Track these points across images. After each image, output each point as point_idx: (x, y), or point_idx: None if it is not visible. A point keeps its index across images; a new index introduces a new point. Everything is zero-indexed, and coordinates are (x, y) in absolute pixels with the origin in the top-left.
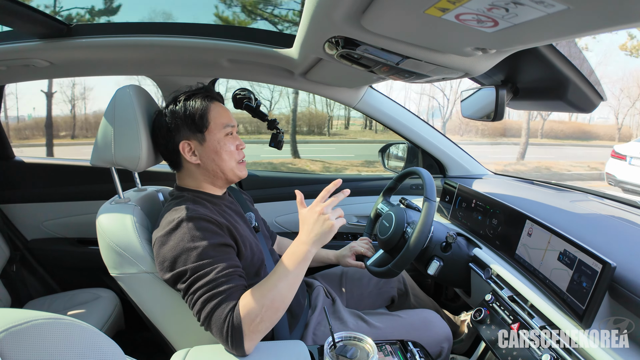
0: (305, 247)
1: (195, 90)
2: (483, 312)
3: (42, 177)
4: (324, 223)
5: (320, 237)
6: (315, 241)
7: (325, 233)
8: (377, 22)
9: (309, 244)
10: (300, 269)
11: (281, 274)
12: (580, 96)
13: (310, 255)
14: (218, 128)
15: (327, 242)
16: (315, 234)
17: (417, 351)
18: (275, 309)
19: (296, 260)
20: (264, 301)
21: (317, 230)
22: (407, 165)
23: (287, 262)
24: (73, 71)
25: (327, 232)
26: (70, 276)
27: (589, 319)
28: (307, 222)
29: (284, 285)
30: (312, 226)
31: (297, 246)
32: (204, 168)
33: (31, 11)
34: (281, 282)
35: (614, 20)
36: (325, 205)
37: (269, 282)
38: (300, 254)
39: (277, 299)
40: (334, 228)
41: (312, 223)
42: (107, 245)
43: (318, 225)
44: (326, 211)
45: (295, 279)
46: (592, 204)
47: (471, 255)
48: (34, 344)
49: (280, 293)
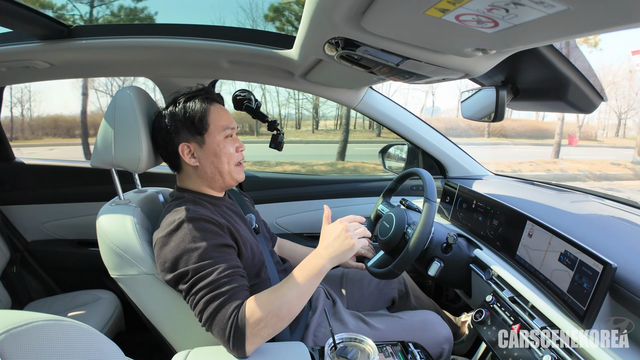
0: (322, 262)
1: (195, 92)
2: (484, 313)
3: (42, 178)
4: (344, 240)
5: (339, 253)
6: (333, 257)
7: (344, 250)
8: (377, 23)
9: (326, 258)
10: (313, 282)
11: (292, 284)
12: (580, 96)
13: (325, 270)
14: (218, 130)
15: (345, 260)
16: (334, 249)
17: (417, 352)
18: (280, 318)
19: (310, 273)
20: (271, 308)
21: (336, 246)
22: (408, 166)
23: (301, 274)
24: (73, 72)
25: (347, 250)
26: (71, 278)
27: (590, 320)
28: (328, 237)
29: (293, 296)
30: (333, 241)
31: (314, 259)
32: (203, 170)
33: (31, 12)
34: (291, 292)
35: (614, 21)
36: (351, 224)
37: (279, 290)
38: (315, 267)
39: (284, 308)
40: (354, 247)
41: (333, 238)
42: (107, 246)
43: (339, 241)
44: (350, 229)
45: (306, 291)
46: (592, 205)
47: (472, 256)
48: (35, 345)
49: (288, 302)
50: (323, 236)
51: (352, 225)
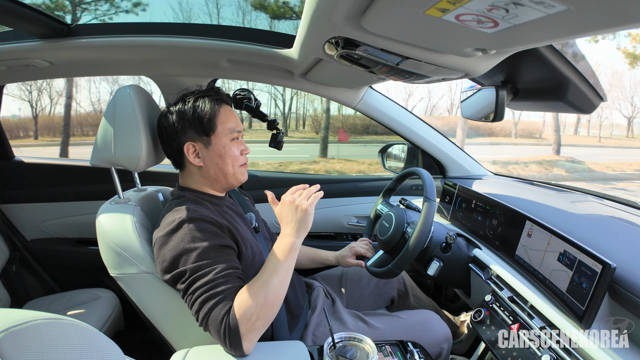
0: (290, 239)
1: (205, 92)
2: (483, 312)
3: (41, 177)
4: (295, 210)
5: (300, 224)
6: (297, 230)
7: (302, 219)
8: (377, 22)
9: (291, 235)
10: (289, 261)
11: (271, 270)
12: (580, 97)
13: (297, 246)
14: (225, 133)
15: (309, 226)
16: (293, 223)
17: (416, 352)
18: (270, 305)
19: (283, 253)
20: (258, 299)
21: (293, 219)
22: (407, 165)
23: (275, 257)
24: (73, 71)
25: (304, 217)
26: (70, 276)
27: (589, 320)
28: (282, 216)
29: (275, 281)
30: (288, 217)
31: (282, 240)
32: (206, 171)
33: (31, 11)
34: (272, 277)
35: (614, 21)
36: (291, 194)
37: (260, 279)
38: (286, 247)
39: (271, 295)
40: (308, 211)
41: (286, 215)
42: (106, 245)
43: (292, 214)
44: (294, 199)
45: (286, 272)
46: (591, 205)
47: (471, 255)
48: (34, 344)
49: (273, 289)
50: (279, 218)
51: (296, 194)
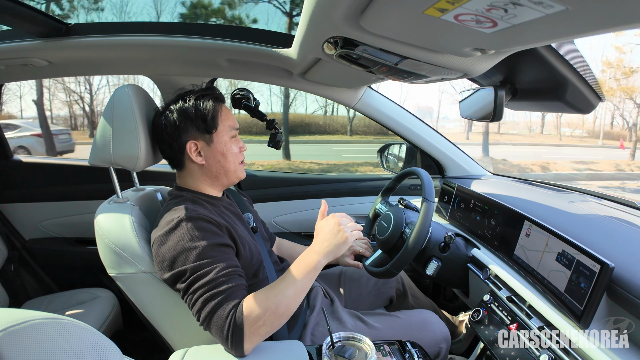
0: (317, 257)
1: (205, 90)
2: (481, 312)
3: (40, 176)
4: (338, 234)
5: (334, 248)
6: (327, 252)
7: (338, 244)
8: (376, 22)
9: (321, 253)
10: (309, 278)
11: (289, 281)
12: (578, 97)
13: (321, 265)
14: (225, 130)
15: (339, 254)
16: (328, 244)
17: (415, 351)
18: (279, 315)
19: (306, 269)
20: (269, 305)
21: (330, 240)
22: (406, 165)
23: (297, 270)
24: (71, 70)
25: (341, 243)
26: (69, 276)
27: (587, 320)
28: (321, 232)
29: (290, 293)
30: (327, 235)
31: (309, 255)
32: (208, 169)
33: (29, 10)
34: (288, 289)
35: (613, 21)
36: (342, 217)
37: (276, 287)
38: (310, 263)
39: (282, 305)
40: (348, 240)
41: (326, 233)
42: (105, 245)
43: (332, 235)
44: (342, 223)
45: (303, 287)
46: (590, 205)
47: (469, 255)
48: (32, 343)
49: (286, 299)
50: (317, 231)
51: (345, 219)
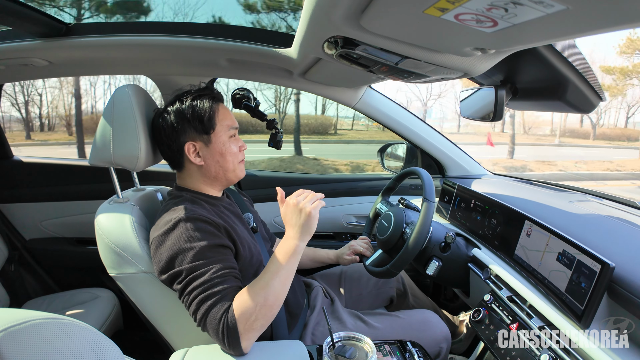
0: (293, 242)
1: (202, 90)
2: (482, 312)
3: (40, 176)
4: (300, 213)
5: (303, 227)
6: (300, 233)
7: (306, 223)
8: (376, 22)
9: (295, 238)
10: (292, 264)
11: (273, 271)
12: (579, 96)
13: (300, 249)
14: (224, 130)
15: (313, 230)
16: (298, 227)
17: (415, 351)
18: (269, 307)
19: (286, 255)
20: (258, 299)
21: (297, 222)
22: (406, 165)
23: (278, 259)
24: (72, 70)
25: (307, 220)
26: (69, 276)
27: (588, 319)
28: (287, 218)
29: (276, 282)
30: (292, 220)
31: (286, 242)
32: (207, 169)
33: (29, 10)
34: (274, 279)
35: (613, 21)
36: (297, 196)
37: (261, 280)
38: (289, 249)
39: (271, 296)
40: (312, 214)
41: (290, 217)
42: (105, 245)
43: (296, 217)
44: (299, 201)
45: (287, 274)
46: (590, 205)
47: (470, 255)
48: (33, 343)
49: (273, 290)
50: (283, 220)
51: (301, 196)
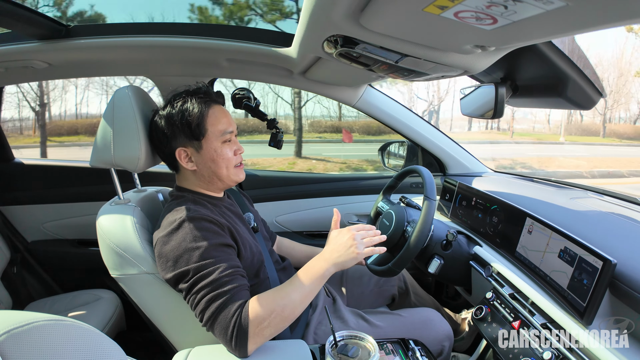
0: (326, 265)
1: (193, 92)
2: (484, 310)
3: (41, 178)
4: (349, 248)
5: (343, 260)
6: (336, 262)
7: (348, 259)
8: (376, 20)
9: (330, 262)
10: (316, 284)
11: (296, 285)
12: (579, 93)
13: (329, 273)
14: (215, 136)
15: (348, 266)
16: (338, 255)
17: (418, 349)
18: (283, 318)
19: (314, 275)
20: (275, 307)
21: (341, 253)
22: (407, 163)
23: (305, 276)
24: (72, 72)
25: (351, 259)
26: (71, 277)
27: (590, 316)
28: (334, 242)
29: (297, 297)
30: (338, 247)
31: (318, 262)
32: (200, 174)
33: (29, 12)
34: (295, 292)
35: (613, 17)
36: (359, 232)
37: (283, 290)
38: (319, 270)
39: (288, 308)
40: (358, 257)
41: (339, 244)
42: (107, 246)
43: (344, 248)
44: (357, 238)
45: (309, 292)
46: (592, 201)
47: (472, 253)
48: (36, 345)
49: (292, 303)
50: (329, 240)
51: (360, 234)
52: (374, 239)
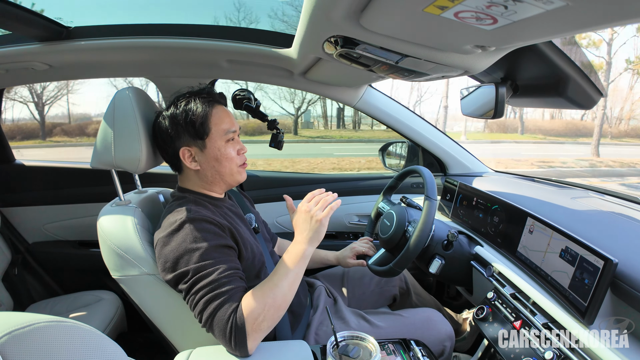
0: (302, 247)
1: (196, 93)
2: (485, 310)
3: (42, 180)
4: (310, 220)
5: (313, 234)
6: (309, 239)
7: (315, 230)
8: (376, 20)
9: (303, 243)
10: (300, 267)
11: (282, 274)
12: (580, 92)
13: (308, 253)
14: (219, 135)
15: (322, 236)
16: (307, 232)
17: (419, 350)
18: (277, 307)
19: (295, 259)
20: (266, 300)
21: (307, 228)
22: (408, 163)
23: (287, 262)
24: (72, 74)
25: (317, 228)
26: (72, 279)
27: (592, 316)
28: (297, 224)
29: (285, 284)
30: (302, 226)
31: (295, 246)
32: (203, 174)
33: (29, 14)
34: (282, 280)
35: (613, 17)
36: (307, 203)
37: (270, 281)
38: (298, 253)
39: (279, 297)
40: (322, 222)
41: (301, 223)
42: (108, 247)
43: (306, 224)
44: (310, 208)
45: (295, 277)
46: (593, 201)
47: (473, 253)
48: (37, 347)
49: (281, 291)
50: (294, 225)
51: (311, 203)
52: (327, 199)
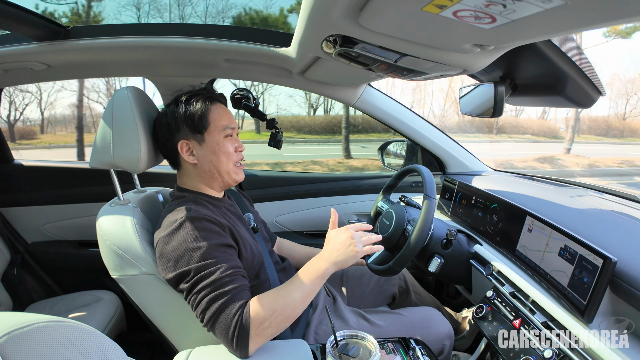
0: (325, 265)
1: (197, 91)
2: (484, 308)
3: (41, 180)
4: (348, 247)
5: (342, 259)
6: (336, 262)
7: (347, 258)
8: (374, 19)
9: (329, 262)
10: (316, 283)
11: (297, 285)
12: (579, 91)
13: (328, 272)
14: (218, 129)
15: (347, 266)
16: (337, 254)
17: (419, 348)
18: (284, 317)
19: (314, 274)
20: (276, 307)
21: (340, 251)
22: (407, 162)
23: (305, 275)
24: (71, 73)
25: (350, 257)
26: (72, 278)
27: (591, 314)
28: (333, 242)
29: (297, 296)
30: (337, 246)
31: (318, 262)
32: (201, 168)
33: (27, 14)
34: (296, 292)
35: (611, 15)
36: (357, 232)
37: (283, 289)
38: (319, 270)
39: (289, 307)
40: (357, 255)
41: (338, 243)
42: (107, 247)
43: (343, 247)
44: (355, 237)
45: (309, 292)
46: (592, 199)
47: (472, 252)
48: (36, 347)
49: (293, 302)
50: (328, 240)
51: (358, 233)
52: (372, 238)
